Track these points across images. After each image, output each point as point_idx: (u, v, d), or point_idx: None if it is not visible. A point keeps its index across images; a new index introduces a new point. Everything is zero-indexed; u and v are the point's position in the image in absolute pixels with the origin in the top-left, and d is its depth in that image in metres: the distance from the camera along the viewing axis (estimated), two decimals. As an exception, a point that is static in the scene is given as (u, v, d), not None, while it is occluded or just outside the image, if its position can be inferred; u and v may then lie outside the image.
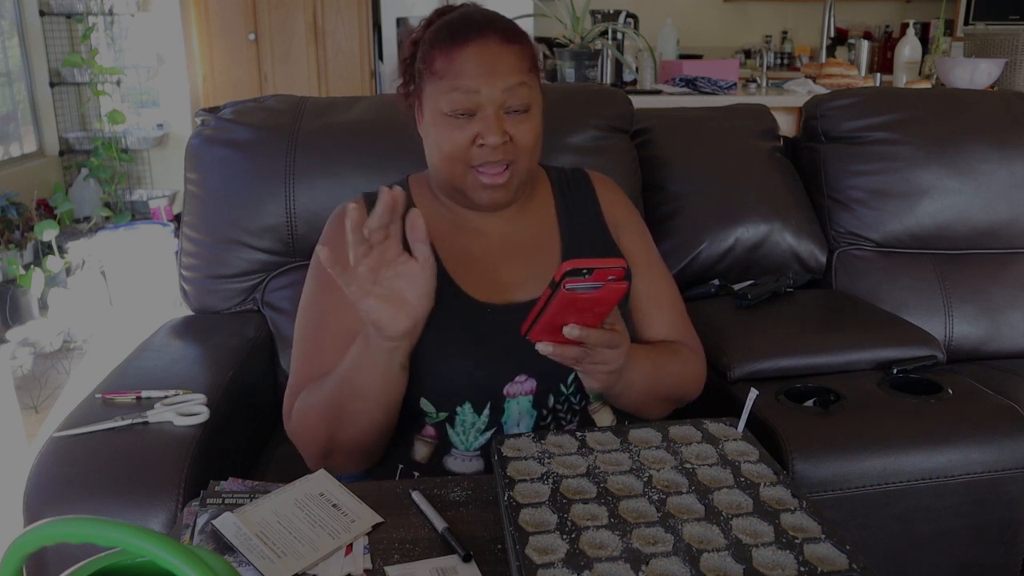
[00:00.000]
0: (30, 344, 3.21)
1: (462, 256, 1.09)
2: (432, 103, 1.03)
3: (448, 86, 1.00)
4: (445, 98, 1.01)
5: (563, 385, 1.06)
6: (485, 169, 1.03)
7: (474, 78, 1.00)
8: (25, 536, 0.51)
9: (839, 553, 0.70)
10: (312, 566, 0.78)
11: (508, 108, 1.02)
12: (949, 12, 5.03)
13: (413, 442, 1.07)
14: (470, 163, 1.03)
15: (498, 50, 1.01)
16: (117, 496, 1.01)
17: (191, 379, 1.24)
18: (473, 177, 1.04)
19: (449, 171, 1.05)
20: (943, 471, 1.13)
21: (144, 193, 4.41)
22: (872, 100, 1.78)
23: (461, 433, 1.05)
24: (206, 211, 1.49)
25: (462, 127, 1.01)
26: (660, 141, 1.73)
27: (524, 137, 1.03)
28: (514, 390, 1.04)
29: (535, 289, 1.08)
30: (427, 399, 1.03)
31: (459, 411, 1.04)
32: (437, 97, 1.02)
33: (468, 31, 1.02)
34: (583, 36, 2.68)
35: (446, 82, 1.01)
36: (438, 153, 1.05)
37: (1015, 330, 1.67)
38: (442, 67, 1.01)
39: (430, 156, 1.08)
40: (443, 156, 1.04)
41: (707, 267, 1.65)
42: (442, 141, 1.03)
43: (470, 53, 1.00)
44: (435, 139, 1.04)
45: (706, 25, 5.97)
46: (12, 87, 4.15)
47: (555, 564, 0.69)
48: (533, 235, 1.13)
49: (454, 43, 1.01)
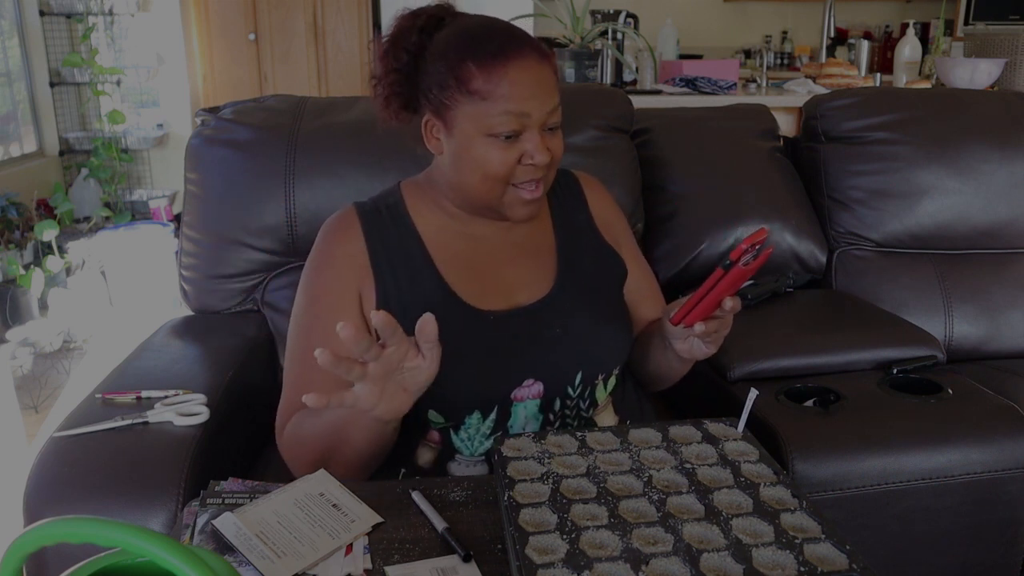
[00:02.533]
0: (30, 344, 3.21)
1: (462, 265, 1.08)
2: (471, 123, 0.99)
3: (497, 108, 0.97)
4: (491, 120, 0.98)
5: (570, 388, 1.06)
6: (525, 186, 1.02)
7: (524, 101, 0.98)
8: (25, 536, 0.51)
9: (839, 553, 0.70)
10: (312, 566, 0.78)
11: (547, 127, 1.02)
12: (949, 12, 5.03)
13: (417, 447, 1.07)
14: (511, 181, 1.02)
15: (539, 69, 1.00)
16: (117, 496, 1.01)
17: (191, 379, 1.24)
18: (512, 194, 1.03)
19: (488, 190, 1.02)
20: (943, 471, 1.13)
21: (144, 193, 4.41)
22: (872, 100, 1.78)
23: (466, 439, 1.04)
24: (206, 211, 1.49)
25: (507, 147, 0.99)
26: (660, 141, 1.73)
27: (558, 152, 1.04)
28: (522, 394, 1.04)
29: (535, 292, 1.08)
30: (435, 410, 1.03)
31: (467, 419, 1.03)
32: (480, 119, 0.98)
33: (506, 49, 0.98)
34: (583, 36, 2.68)
35: (492, 104, 0.97)
36: (479, 173, 1.01)
37: (1015, 330, 1.67)
38: (484, 87, 0.97)
39: (460, 173, 1.03)
40: (485, 176, 1.01)
41: (707, 267, 1.65)
42: (486, 162, 1.00)
43: (514, 73, 0.97)
44: (475, 159, 1.00)
45: (706, 25, 5.97)
46: (12, 87, 4.15)
47: (555, 564, 0.69)
48: (530, 240, 1.13)
49: (496, 61, 0.97)
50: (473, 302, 1.05)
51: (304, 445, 1.01)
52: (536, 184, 1.03)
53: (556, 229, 1.15)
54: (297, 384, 1.05)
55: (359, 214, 1.10)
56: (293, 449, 1.03)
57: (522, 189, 1.03)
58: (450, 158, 1.04)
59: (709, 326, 0.94)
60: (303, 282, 1.10)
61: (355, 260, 1.06)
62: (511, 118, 0.98)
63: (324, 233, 1.11)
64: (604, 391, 1.11)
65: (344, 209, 1.12)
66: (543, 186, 1.05)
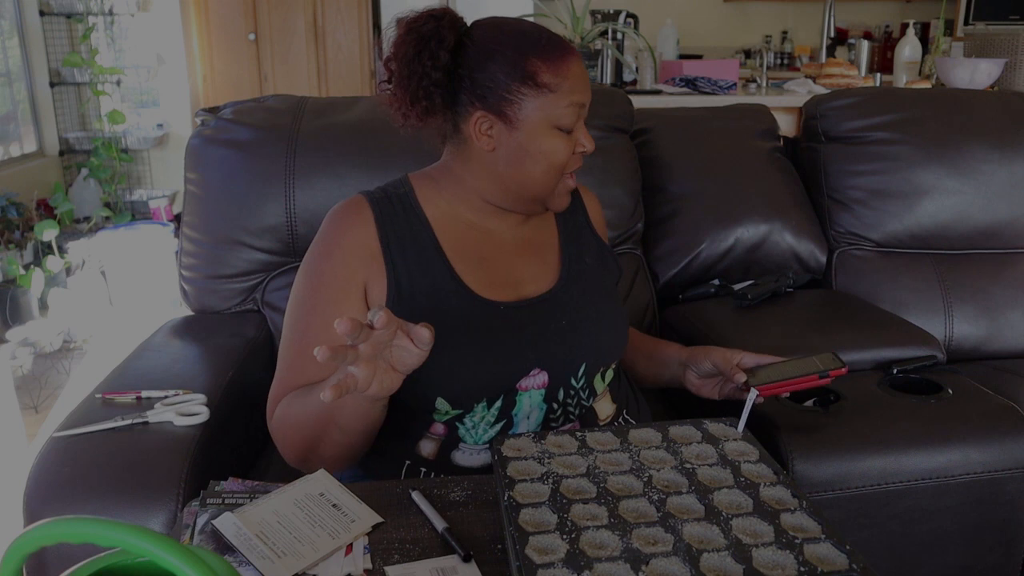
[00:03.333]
0: (30, 344, 3.21)
1: (472, 256, 1.09)
2: (538, 115, 1.02)
3: (564, 100, 1.02)
4: (559, 111, 1.02)
5: (573, 379, 1.08)
6: (569, 175, 1.08)
7: (584, 93, 1.04)
8: (25, 536, 0.51)
9: (839, 553, 0.70)
10: (312, 566, 0.78)
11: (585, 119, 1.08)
12: (949, 12, 5.03)
13: (420, 439, 1.07)
14: (567, 171, 1.07)
15: (582, 65, 1.06)
16: (117, 496, 1.01)
17: (191, 379, 1.24)
18: (563, 184, 1.08)
19: (549, 181, 1.06)
20: (943, 471, 1.13)
21: (144, 193, 4.41)
22: (872, 100, 1.78)
23: (471, 427, 1.06)
24: (206, 211, 1.49)
25: (567, 138, 1.04)
26: (660, 141, 1.73)
27: None
28: (527, 384, 1.05)
29: (542, 285, 1.11)
30: (444, 398, 1.03)
31: (475, 408, 1.05)
32: (549, 110, 1.02)
33: (565, 46, 1.04)
34: (583, 36, 2.68)
35: (560, 96, 1.02)
36: (544, 164, 1.04)
37: (1015, 330, 1.67)
38: (552, 80, 1.01)
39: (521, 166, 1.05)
40: (548, 166, 1.05)
41: (707, 267, 1.65)
42: (553, 153, 1.04)
43: (576, 68, 1.04)
44: (543, 151, 1.04)
45: (706, 25, 5.97)
46: (12, 87, 4.15)
47: (555, 564, 0.69)
48: (536, 235, 1.16)
49: (559, 56, 1.02)
50: (483, 292, 1.07)
51: (294, 427, 1.01)
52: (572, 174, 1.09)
53: (559, 227, 1.19)
54: (291, 368, 1.05)
55: (370, 201, 1.09)
56: (283, 431, 1.03)
57: (568, 178, 1.08)
58: (509, 153, 1.05)
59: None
60: (307, 266, 1.09)
61: (365, 248, 1.06)
62: (575, 109, 1.03)
63: (333, 219, 1.10)
64: (603, 382, 1.14)
65: (352, 198, 1.11)
66: None
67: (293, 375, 1.05)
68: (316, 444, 0.98)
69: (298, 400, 1.01)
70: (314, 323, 1.05)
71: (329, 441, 0.97)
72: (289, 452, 1.03)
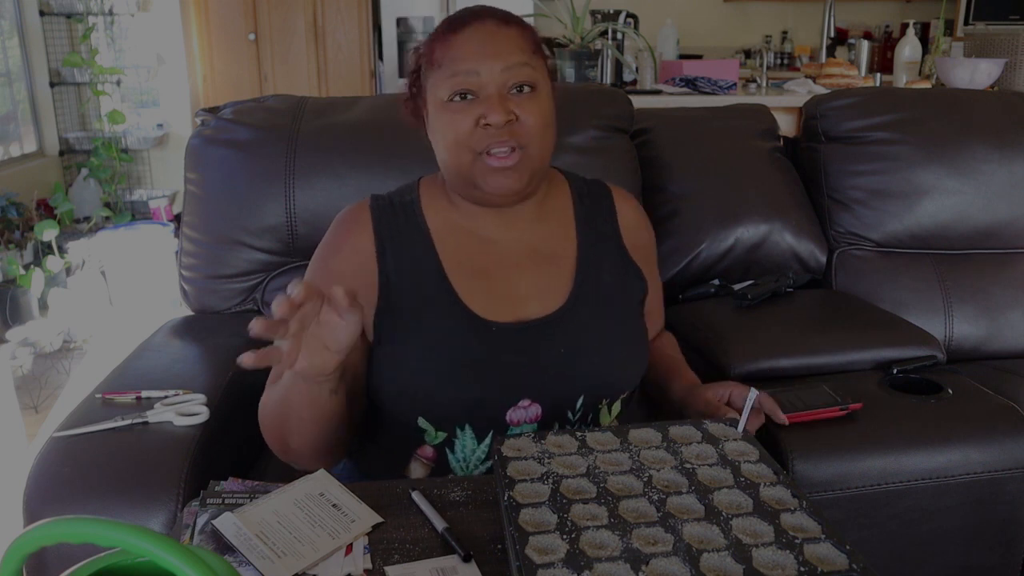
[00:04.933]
0: (30, 344, 3.21)
1: (472, 270, 1.05)
2: (433, 94, 1.01)
3: (448, 72, 0.99)
4: (445, 84, 0.99)
5: (571, 412, 1.03)
6: (493, 152, 0.98)
7: (472, 60, 0.98)
8: (25, 536, 0.51)
9: (839, 553, 0.70)
10: (312, 566, 0.78)
11: (511, 87, 0.98)
12: (949, 12, 5.03)
13: (410, 461, 1.05)
14: (475, 148, 0.98)
15: (495, 31, 1.00)
16: (117, 496, 1.01)
17: (191, 379, 1.24)
18: (481, 163, 0.99)
19: (456, 161, 1.00)
20: (943, 471, 1.13)
21: (144, 193, 4.41)
22: (872, 100, 1.78)
23: (461, 459, 1.02)
24: (206, 211, 1.49)
25: (464, 110, 0.98)
26: (660, 141, 1.73)
27: (530, 118, 0.98)
28: (517, 416, 1.00)
29: (547, 304, 1.04)
30: (424, 418, 1.01)
31: (459, 434, 1.01)
32: (438, 86, 1.00)
33: (464, 18, 1.01)
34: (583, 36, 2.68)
35: (445, 68, 0.99)
36: (443, 142, 1.01)
37: (1015, 330, 1.67)
38: (440, 54, 1.00)
39: (438, 151, 1.04)
40: (448, 144, 1.00)
41: (707, 267, 1.65)
42: (445, 129, 1.00)
43: (467, 36, 0.99)
44: (439, 129, 1.01)
45: (706, 25, 5.97)
46: (12, 87, 4.15)
47: (555, 564, 0.69)
48: (549, 245, 1.09)
49: (451, 30, 1.01)
50: (479, 311, 1.02)
51: (268, 416, 1.01)
52: (508, 151, 0.98)
53: (579, 236, 1.10)
54: None
55: (372, 208, 1.08)
56: (262, 421, 1.02)
57: (490, 157, 0.98)
58: (432, 139, 1.06)
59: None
60: (310, 267, 1.11)
61: (361, 254, 1.05)
62: (460, 78, 0.98)
63: (336, 223, 1.11)
64: (610, 415, 1.07)
65: (360, 202, 1.11)
66: (523, 159, 0.99)
67: (278, 370, 1.04)
68: (284, 433, 0.98)
69: (268, 391, 1.01)
70: None
71: (292, 430, 0.96)
72: (268, 441, 1.02)
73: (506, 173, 0.99)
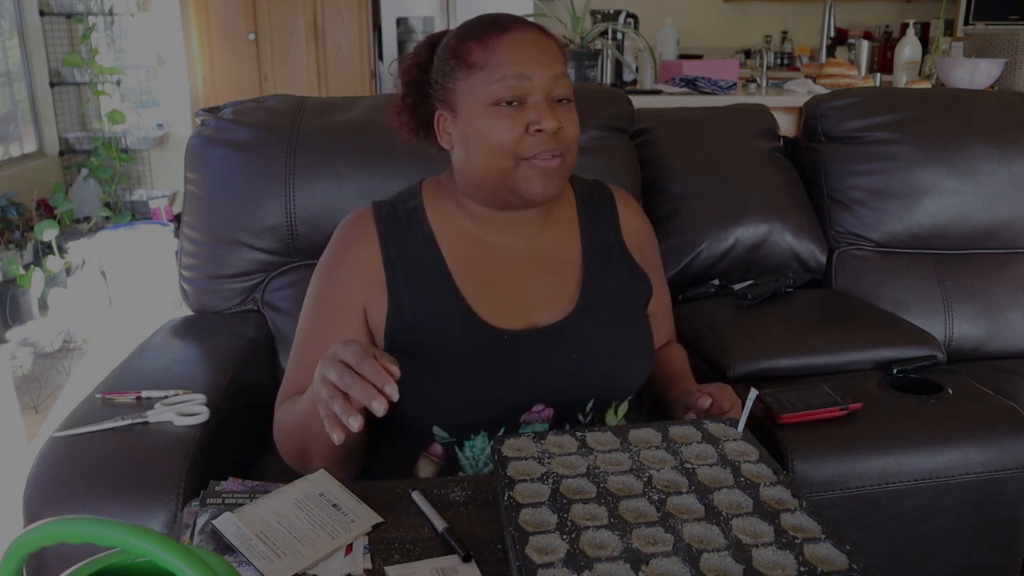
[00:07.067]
0: (30, 344, 3.21)
1: (480, 277, 1.04)
2: (471, 97, 0.97)
3: (495, 75, 0.95)
4: (491, 88, 0.96)
5: (581, 415, 1.04)
6: (540, 156, 0.97)
7: (524, 64, 0.96)
8: (25, 536, 0.51)
9: (839, 553, 0.70)
10: (312, 566, 0.78)
11: (555, 97, 0.98)
12: (949, 12, 5.03)
13: (418, 459, 1.05)
14: (521, 155, 0.97)
15: (539, 39, 0.99)
16: (117, 496, 1.01)
17: (191, 379, 1.24)
18: (525, 168, 0.98)
19: (497, 167, 0.98)
20: (943, 471, 1.13)
21: (144, 193, 4.41)
22: (872, 100, 1.78)
23: (471, 458, 1.02)
24: (206, 211, 1.49)
25: (512, 116, 0.96)
26: (660, 141, 1.73)
27: (572, 128, 0.99)
28: (530, 418, 1.01)
29: (555, 311, 1.05)
30: (440, 426, 1.01)
31: (473, 437, 1.02)
32: (478, 89, 0.97)
33: (503, 23, 0.99)
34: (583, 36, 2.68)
35: (490, 71, 0.96)
36: (486, 148, 0.97)
37: (1015, 330, 1.67)
38: (482, 57, 0.96)
39: (469, 156, 1.00)
40: (491, 150, 0.97)
41: (707, 267, 1.65)
42: (491, 132, 0.96)
43: (514, 41, 0.97)
44: (480, 134, 0.97)
45: (706, 25, 5.97)
46: (12, 87, 4.15)
47: (555, 564, 0.69)
48: (556, 252, 1.09)
49: (492, 33, 0.97)
50: (489, 319, 1.01)
51: (286, 433, 1.02)
52: (552, 155, 0.98)
53: (584, 243, 1.10)
54: (292, 376, 1.06)
55: (376, 218, 1.06)
56: (279, 436, 1.04)
57: (539, 160, 0.97)
58: (459, 144, 1.01)
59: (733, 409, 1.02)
60: (314, 278, 1.09)
61: (367, 266, 1.04)
62: (511, 81, 0.96)
63: (339, 233, 1.08)
64: (616, 416, 1.08)
65: (362, 210, 1.09)
66: (563, 166, 1.00)
67: (293, 383, 1.05)
68: (304, 452, 0.99)
69: (289, 409, 1.01)
70: (315, 337, 1.05)
71: (313, 451, 0.98)
72: (286, 456, 1.04)
73: (550, 176, 0.99)
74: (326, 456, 0.97)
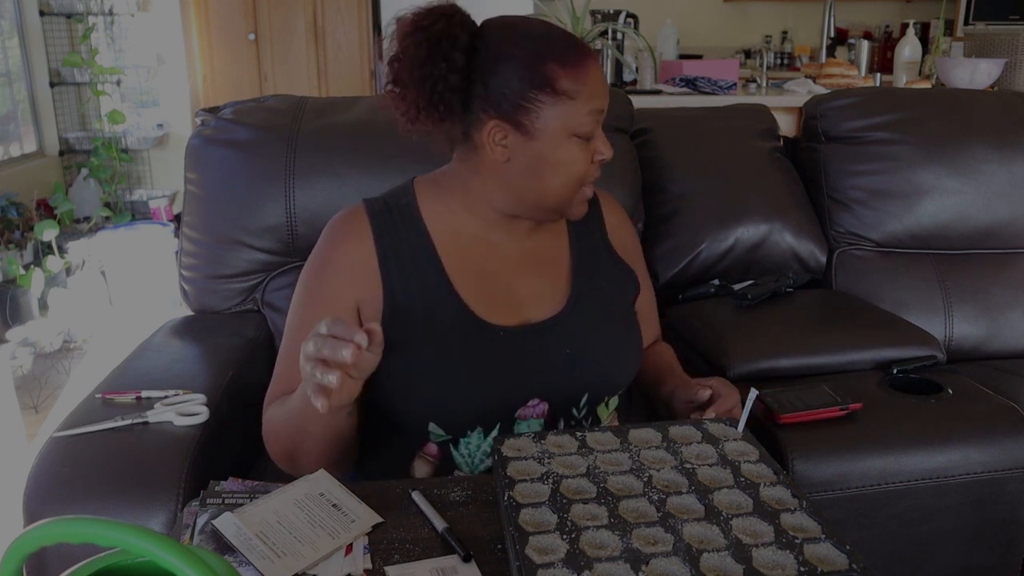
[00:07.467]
0: (30, 344, 3.21)
1: (475, 274, 1.04)
2: (560, 124, 0.96)
3: (584, 108, 0.97)
4: (580, 120, 0.97)
5: (575, 409, 1.05)
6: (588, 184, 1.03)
7: (603, 97, 0.99)
8: (25, 536, 0.51)
9: (839, 553, 0.70)
10: (312, 566, 0.78)
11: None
12: (949, 12, 5.03)
13: (413, 459, 1.05)
14: (585, 181, 1.02)
15: (600, 66, 1.01)
16: (117, 496, 1.01)
17: (191, 379, 1.23)
18: (582, 193, 1.03)
19: (567, 193, 1.01)
20: (943, 471, 1.13)
21: (144, 193, 4.41)
22: (872, 100, 1.78)
23: (467, 455, 1.03)
24: (206, 211, 1.49)
25: (586, 147, 0.99)
26: (660, 141, 1.73)
27: None
28: (526, 413, 1.02)
29: (547, 308, 1.05)
30: (436, 423, 1.01)
31: (469, 434, 1.02)
32: (568, 118, 0.96)
33: (583, 49, 0.99)
34: (583, 36, 2.68)
35: (580, 103, 0.96)
36: (563, 175, 0.99)
37: (1015, 330, 1.67)
38: (571, 87, 0.96)
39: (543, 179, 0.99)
40: (568, 178, 0.99)
41: (707, 267, 1.65)
42: (573, 163, 0.99)
43: (595, 71, 0.98)
44: (562, 162, 0.98)
45: (706, 25, 5.97)
46: (12, 87, 4.15)
47: (555, 564, 0.69)
48: (545, 251, 1.10)
49: (579, 60, 0.97)
50: (484, 315, 1.02)
51: (275, 433, 1.01)
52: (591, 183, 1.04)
53: (572, 243, 1.12)
54: (280, 376, 1.06)
55: (369, 214, 1.05)
56: (268, 436, 1.03)
57: (586, 186, 1.03)
58: (526, 163, 0.99)
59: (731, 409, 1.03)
60: (302, 278, 1.07)
61: (361, 264, 1.03)
62: (594, 116, 0.99)
63: (331, 231, 1.07)
64: (607, 410, 1.09)
65: (353, 207, 1.07)
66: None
67: (281, 383, 1.05)
68: (294, 453, 0.99)
69: (279, 408, 1.01)
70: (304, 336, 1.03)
71: (304, 450, 0.97)
72: (275, 457, 1.03)
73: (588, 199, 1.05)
74: (318, 456, 0.97)
